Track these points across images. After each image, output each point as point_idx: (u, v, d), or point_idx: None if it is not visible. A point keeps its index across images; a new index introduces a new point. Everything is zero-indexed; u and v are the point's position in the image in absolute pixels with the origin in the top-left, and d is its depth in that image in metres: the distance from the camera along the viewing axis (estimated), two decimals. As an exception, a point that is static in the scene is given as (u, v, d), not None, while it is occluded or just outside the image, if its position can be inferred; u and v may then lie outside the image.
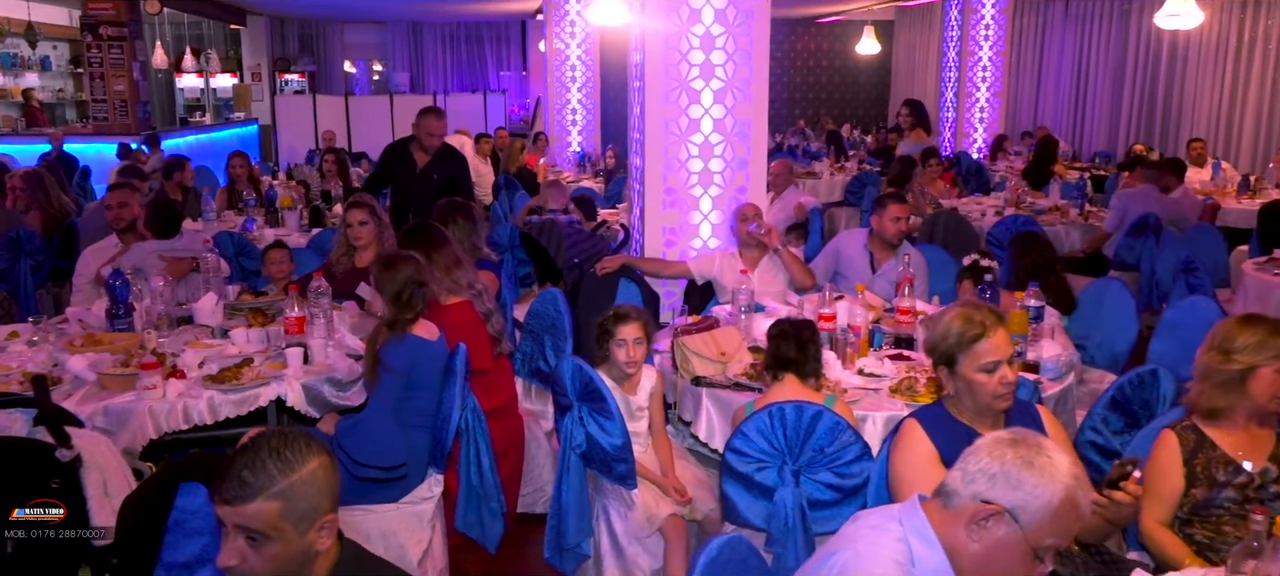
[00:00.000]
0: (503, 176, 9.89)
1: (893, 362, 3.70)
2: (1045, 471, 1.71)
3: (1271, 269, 5.67)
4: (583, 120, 12.16)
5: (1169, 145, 12.18)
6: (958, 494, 1.75)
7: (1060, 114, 14.57)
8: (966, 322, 2.54)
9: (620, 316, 3.43)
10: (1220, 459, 2.63)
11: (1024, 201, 8.05)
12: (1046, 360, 3.59)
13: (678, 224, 5.26)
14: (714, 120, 5.11)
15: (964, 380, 2.55)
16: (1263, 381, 2.57)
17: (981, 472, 1.73)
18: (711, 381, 3.55)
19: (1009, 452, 1.73)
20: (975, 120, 12.83)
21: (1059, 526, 1.71)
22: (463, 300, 3.95)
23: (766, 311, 4.31)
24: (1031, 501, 1.70)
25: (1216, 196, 8.71)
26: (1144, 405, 3.20)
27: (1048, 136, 11.21)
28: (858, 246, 5.06)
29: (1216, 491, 2.61)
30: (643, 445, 3.52)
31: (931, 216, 7.43)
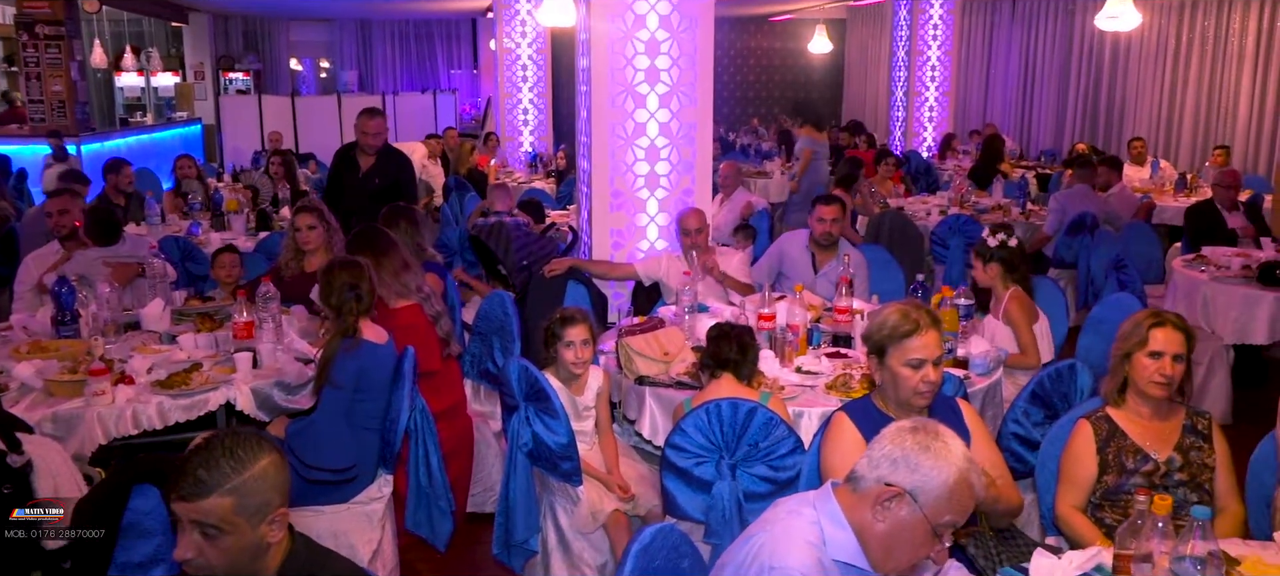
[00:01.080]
0: (453, 177, 9.98)
1: (830, 360, 3.89)
2: (940, 455, 1.91)
3: (1198, 266, 5.97)
4: (534, 120, 12.28)
5: (1113, 143, 12.59)
6: (864, 478, 1.94)
7: (1008, 113, 14.98)
8: (903, 318, 2.74)
9: (567, 319, 3.59)
10: (1130, 448, 2.85)
11: (968, 201, 8.33)
12: (975, 356, 3.81)
13: (625, 226, 5.42)
14: (660, 124, 5.28)
15: (890, 372, 2.75)
16: (1137, 366, 2.81)
17: (885, 458, 1.92)
18: (654, 380, 3.72)
19: (908, 439, 1.92)
20: (925, 119, 13.16)
21: (955, 505, 1.91)
22: (411, 304, 4.07)
23: (710, 311, 4.49)
24: (929, 482, 1.90)
25: (1153, 194, 9.08)
26: (1063, 397, 3.42)
27: (994, 135, 11.55)
28: (800, 247, 5.27)
29: (1125, 478, 2.83)
30: (589, 443, 3.68)
31: (877, 216, 7.67)
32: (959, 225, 7.03)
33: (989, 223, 7.53)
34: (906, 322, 2.73)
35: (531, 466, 3.52)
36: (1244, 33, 10.82)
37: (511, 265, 5.83)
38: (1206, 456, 2.83)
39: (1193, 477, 2.81)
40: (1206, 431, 2.86)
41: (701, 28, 5.24)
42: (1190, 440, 2.85)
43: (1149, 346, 2.82)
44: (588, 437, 3.68)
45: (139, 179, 8.89)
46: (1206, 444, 2.85)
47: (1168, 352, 2.81)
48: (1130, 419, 2.89)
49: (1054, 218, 7.41)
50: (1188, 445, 2.84)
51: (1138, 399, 2.88)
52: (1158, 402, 2.86)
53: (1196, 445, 2.84)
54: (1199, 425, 2.87)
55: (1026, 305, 4.31)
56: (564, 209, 8.55)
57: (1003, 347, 4.10)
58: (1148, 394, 2.83)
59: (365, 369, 3.44)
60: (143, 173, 9.98)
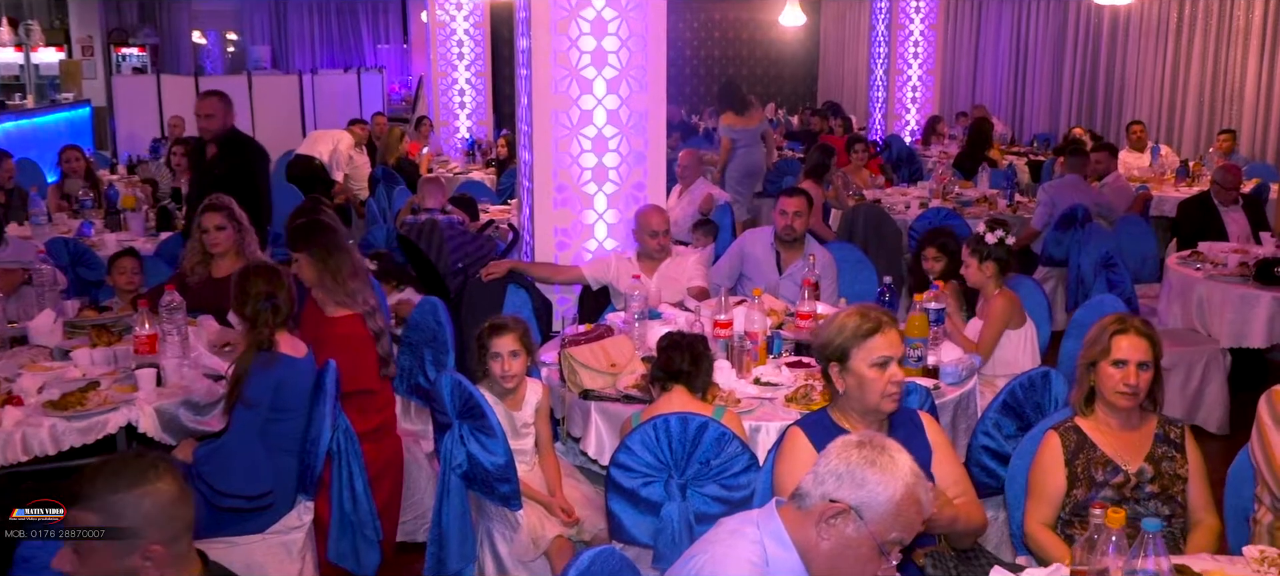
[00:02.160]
0: (380, 168, 10.06)
1: (791, 370, 4.07)
2: (887, 470, 2.09)
3: (1193, 264, 6.25)
4: (472, 102, 12.38)
5: (1112, 128, 12.98)
6: (809, 495, 2.12)
7: (999, 93, 15.35)
8: (861, 317, 2.93)
9: (495, 328, 3.73)
10: (1100, 459, 3.06)
11: (950, 192, 8.60)
12: (946, 365, 4.01)
13: (570, 224, 5.57)
14: (608, 111, 5.44)
15: (855, 376, 2.93)
16: (1102, 375, 3.03)
17: (830, 473, 2.10)
18: (600, 394, 3.87)
19: (854, 453, 2.10)
20: (907, 100, 13.44)
21: (902, 521, 2.09)
22: (352, 314, 4.16)
23: (663, 318, 4.65)
24: (875, 498, 2.08)
25: (1151, 185, 9.41)
26: (1036, 408, 3.63)
27: (982, 118, 11.87)
28: (764, 245, 5.45)
29: (1095, 491, 3.03)
30: (528, 464, 3.82)
31: (852, 209, 7.89)
32: (939, 220, 7.24)
33: (973, 217, 7.82)
34: (866, 321, 2.92)
35: (466, 489, 3.66)
36: (1250, 8, 11.21)
37: (445, 267, 5.95)
38: (1179, 467, 3.04)
39: (1165, 490, 3.02)
40: (1179, 441, 3.07)
41: (653, 5, 5.41)
42: (1162, 450, 3.06)
43: (1112, 354, 3.03)
44: (527, 457, 3.82)
45: (20, 172, 8.87)
46: (1179, 454, 3.06)
47: (1132, 360, 3.01)
48: (1099, 429, 3.10)
49: (1043, 211, 7.67)
50: (1160, 455, 3.05)
51: (1106, 408, 3.09)
52: (1127, 412, 3.07)
53: (1169, 455, 3.05)
54: (1171, 434, 3.08)
55: (1013, 309, 4.53)
56: (505, 203, 8.68)
57: (977, 356, 4.31)
58: (1115, 404, 3.04)
59: (282, 385, 3.56)
60: (24, 164, 9.95)
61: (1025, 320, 4.57)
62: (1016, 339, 4.52)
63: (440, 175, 9.70)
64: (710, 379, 3.61)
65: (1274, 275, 5.80)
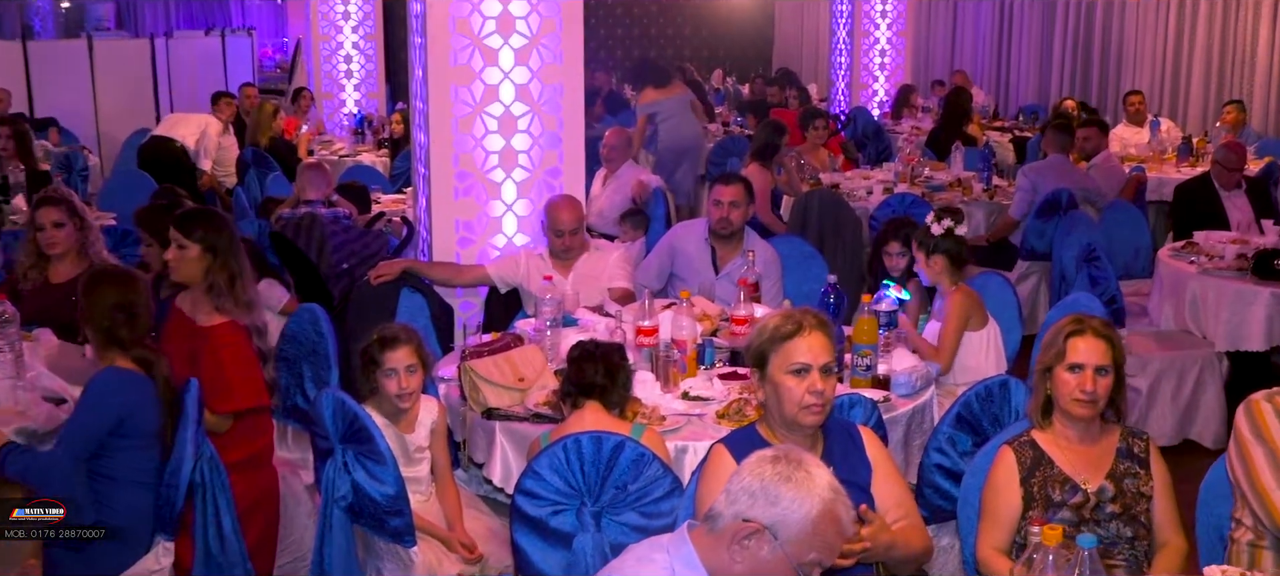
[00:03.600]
0: (250, 150, 10.12)
1: (724, 383, 4.29)
2: (802, 486, 2.31)
3: (1186, 256, 6.59)
4: (361, 71, 12.47)
5: (1109, 99, 13.44)
6: (721, 516, 2.33)
7: (981, 59, 15.78)
8: (784, 319, 3.17)
9: (387, 340, 3.90)
10: (1057, 477, 3.32)
11: (919, 175, 8.90)
12: (898, 374, 4.26)
13: (475, 217, 5.74)
14: (516, 86, 5.62)
15: (773, 383, 3.16)
16: (1058, 382, 3.30)
17: (743, 491, 2.31)
18: (506, 413, 4.06)
19: (768, 469, 2.32)
20: (875, 67, 13.77)
21: (820, 540, 2.31)
22: (229, 321, 4.25)
23: (579, 325, 4.85)
24: (790, 516, 2.29)
25: (1150, 164, 9.80)
26: (994, 421, 3.89)
27: (959, 88, 12.23)
28: (697, 241, 5.68)
29: (1052, 513, 3.29)
30: (423, 494, 4.00)
31: (805, 196, 8.14)
32: (904, 208, 7.51)
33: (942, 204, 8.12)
34: (788, 323, 3.15)
35: (351, 524, 3.82)
36: (1262, -35, 11.68)
37: (328, 269, 6.09)
38: (1142, 484, 3.31)
39: (1127, 509, 3.28)
40: (1143, 455, 3.35)
41: (569, -39, 5.60)
42: (1125, 466, 3.32)
43: (1068, 358, 3.29)
44: (422, 486, 4.00)
45: None
46: (1143, 470, 3.33)
47: (1089, 365, 3.28)
48: (1057, 443, 3.36)
49: (1022, 197, 7.99)
50: (1122, 472, 3.32)
51: (1064, 420, 3.35)
52: (1086, 423, 3.33)
53: (1132, 471, 3.32)
54: (1135, 448, 3.36)
55: (971, 305, 4.80)
56: (399, 192, 8.81)
57: (935, 364, 4.57)
58: (1072, 414, 3.30)
59: (134, 410, 3.68)
60: None
61: (986, 320, 4.84)
62: (977, 343, 4.79)
63: (322, 159, 9.79)
64: (629, 393, 3.81)
65: (1274, 268, 6.11)
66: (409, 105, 7.10)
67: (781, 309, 3.25)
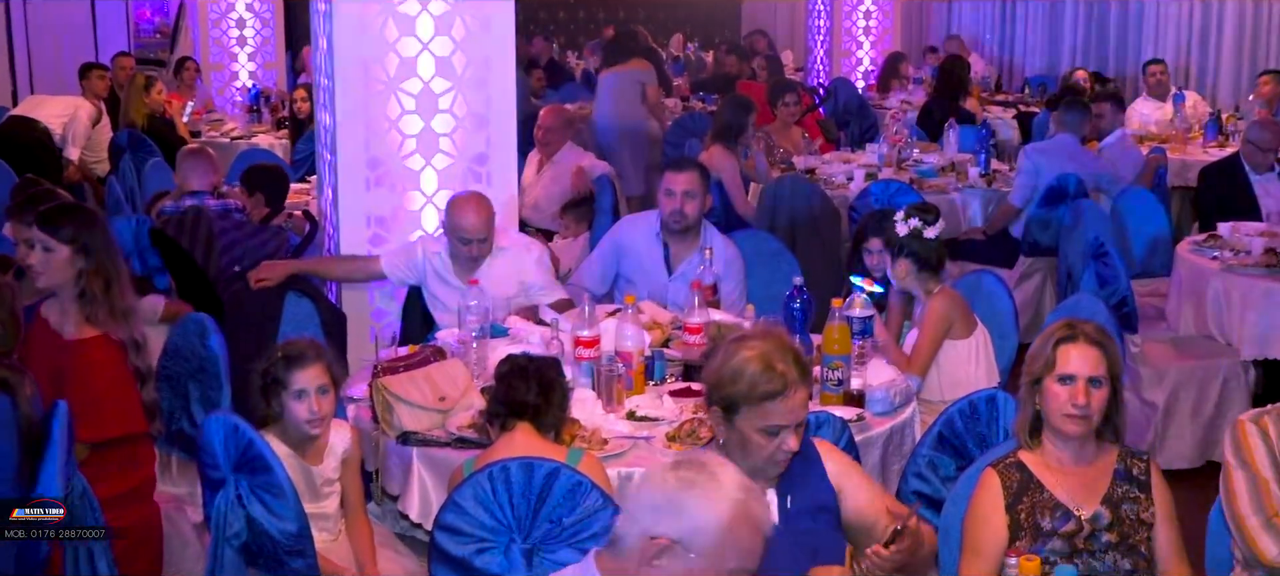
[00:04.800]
0: (124, 132, 10.13)
1: (676, 400, 4.41)
2: (708, 491, 2.46)
3: (1209, 250, 6.78)
4: (257, 38, 12.50)
5: (1127, 70, 13.68)
6: (625, 536, 2.49)
7: (982, 24, 16.00)
8: (766, 373, 3.26)
9: (294, 358, 3.97)
10: (1047, 503, 3.46)
11: (907, 158, 9.05)
12: (874, 389, 4.40)
13: (390, 210, 5.84)
14: (437, 59, 5.72)
15: (739, 435, 3.30)
16: (1048, 395, 3.44)
17: (645, 507, 2.47)
18: (425, 437, 4.15)
19: (670, 479, 2.48)
20: (858, 33, 13.95)
21: (738, 548, 2.46)
22: (101, 335, 4.31)
23: (511, 336, 4.95)
24: (699, 526, 2.44)
25: (1172, 145, 10.00)
26: (979, 441, 4.04)
27: (954, 56, 12.43)
28: (647, 237, 5.80)
29: (1042, 543, 3.43)
30: (331, 532, 4.10)
31: (774, 183, 8.25)
32: (888, 197, 7.65)
33: (935, 191, 8.29)
34: (770, 380, 3.26)
35: (246, 567, 3.89)
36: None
37: (218, 272, 6.14)
38: (1142, 510, 3.46)
39: (1125, 537, 3.43)
40: (1144, 477, 3.49)
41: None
42: (1123, 489, 3.47)
43: (1058, 368, 3.44)
44: (330, 524, 4.09)
45: None
46: (1143, 495, 3.47)
47: (1081, 376, 3.42)
48: (1047, 465, 3.50)
49: (1024, 182, 8.16)
50: (1119, 496, 3.46)
51: (1055, 438, 3.50)
52: (1079, 442, 3.48)
53: (1130, 496, 3.47)
54: (1135, 470, 3.50)
55: (953, 310, 4.94)
56: (302, 181, 8.86)
57: (916, 377, 4.71)
58: (1062, 431, 3.45)
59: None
60: None
61: (974, 327, 4.98)
62: (964, 352, 4.93)
63: (210, 140, 9.82)
64: (565, 413, 3.92)
65: (1307, 264, 6.31)
66: (313, 80, 7.18)
67: (755, 342, 3.33)
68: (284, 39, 12.72)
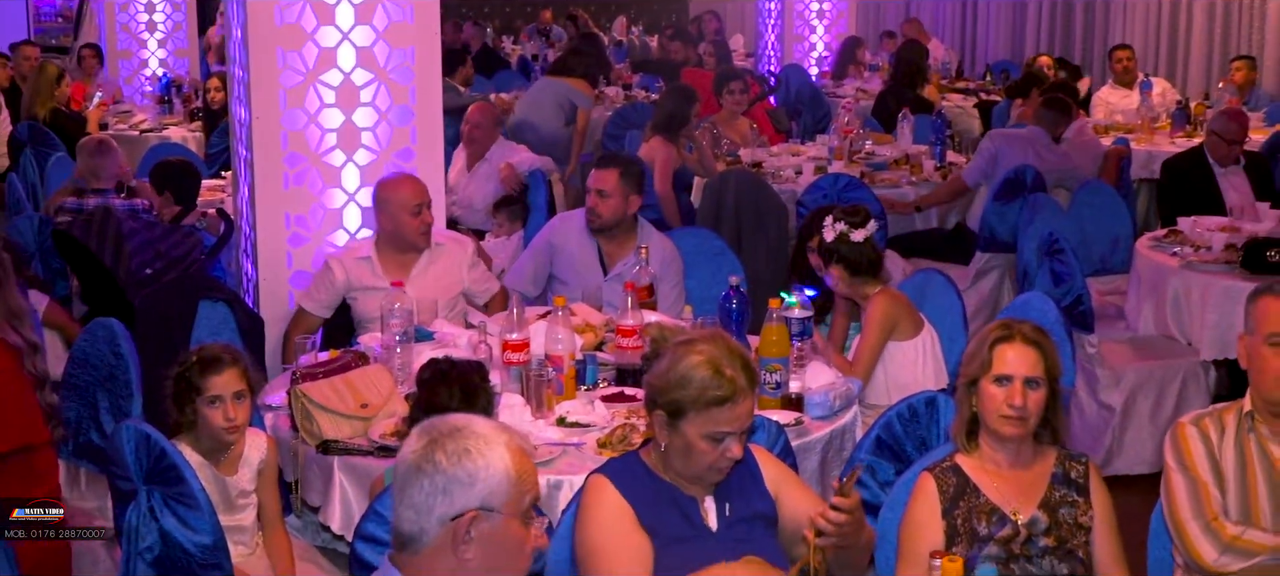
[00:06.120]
0: (25, 125, 10.16)
1: (608, 405, 4.57)
2: (481, 446, 2.66)
3: (1169, 246, 6.99)
4: (167, 23, 12.52)
5: (1094, 55, 13.96)
6: (424, 532, 2.65)
7: (943, 7, 16.24)
8: (716, 377, 3.43)
9: (208, 362, 4.10)
10: (984, 508, 3.64)
11: (858, 150, 9.25)
12: (813, 393, 4.57)
13: (309, 209, 5.95)
14: (357, 48, 5.84)
15: (683, 440, 3.47)
16: (984, 397, 3.64)
17: (433, 495, 2.63)
18: (346, 446, 4.28)
19: (439, 456, 2.64)
20: (811, 16, 14.12)
21: (526, 480, 2.70)
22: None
23: (436, 339, 5.09)
24: (493, 483, 2.64)
25: (1138, 135, 10.24)
26: (919, 445, 4.21)
27: (911, 41, 12.65)
28: (579, 235, 5.96)
29: (977, 548, 3.61)
30: (248, 545, 4.23)
31: (721, 177, 8.41)
32: (837, 192, 7.82)
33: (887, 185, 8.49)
34: (719, 386, 3.43)
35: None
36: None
37: (127, 275, 6.24)
38: (1080, 514, 3.65)
39: (1062, 542, 3.61)
40: (1082, 481, 3.68)
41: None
42: (1060, 493, 3.66)
43: (994, 369, 3.62)
44: (246, 536, 4.23)
45: None
46: (1082, 499, 3.66)
47: (1018, 376, 3.60)
48: (984, 469, 3.69)
49: (980, 163, 8.36)
50: (1057, 500, 3.65)
51: (992, 441, 3.69)
52: (1017, 445, 3.66)
53: (1068, 499, 3.66)
54: (1073, 473, 3.69)
55: (896, 310, 5.13)
56: (217, 175, 8.95)
57: (857, 380, 4.89)
58: (1000, 433, 3.63)
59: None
60: None
61: (919, 327, 5.17)
62: (909, 353, 5.13)
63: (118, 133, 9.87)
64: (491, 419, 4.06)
65: (1267, 261, 6.44)
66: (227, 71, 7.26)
67: (702, 346, 3.48)
68: (197, 25, 12.76)
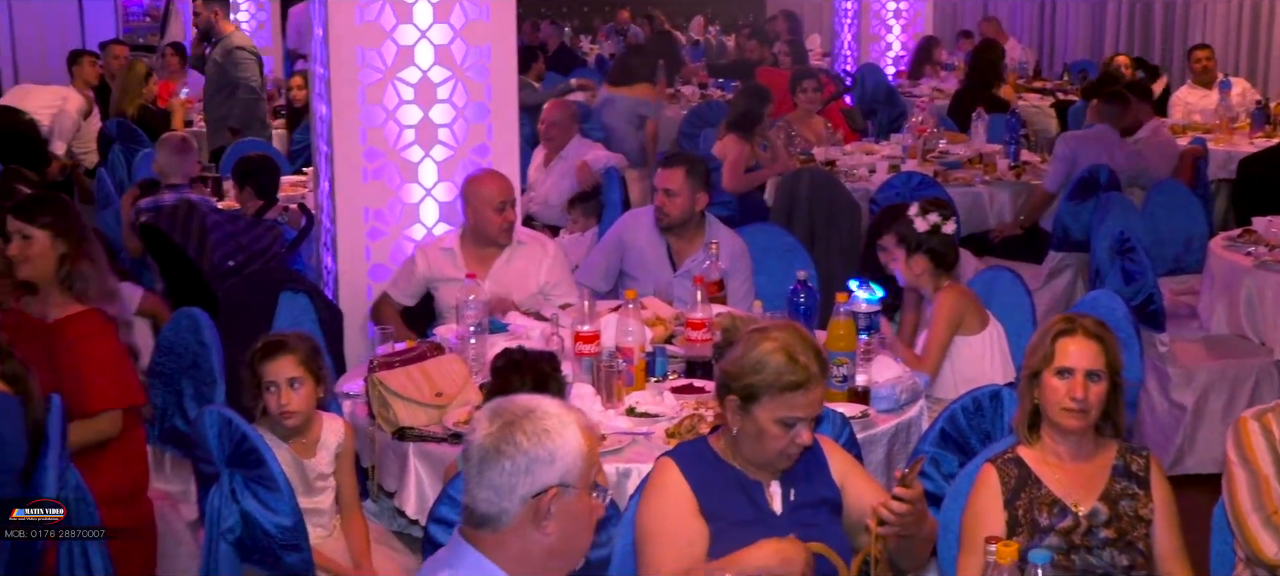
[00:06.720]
0: (114, 121, 10.39)
1: (677, 397, 4.66)
2: (556, 427, 2.79)
3: (1243, 246, 6.98)
4: (251, 22, 12.72)
5: (1174, 55, 13.86)
6: (505, 511, 2.78)
7: (1021, 6, 16.16)
8: (790, 365, 3.51)
9: (269, 349, 4.23)
10: (1045, 499, 3.70)
11: (932, 149, 9.27)
12: (879, 386, 4.64)
13: (387, 204, 6.09)
14: (435, 47, 5.97)
15: (755, 425, 3.55)
16: (1046, 389, 3.69)
17: (514, 475, 2.76)
18: (422, 433, 4.39)
19: (519, 437, 2.77)
20: (888, 16, 14.12)
21: (593, 455, 2.86)
22: (90, 309, 4.57)
23: (510, 331, 5.21)
24: (569, 460, 2.79)
25: (1216, 135, 10.17)
26: (984, 438, 4.27)
27: (988, 41, 12.61)
28: (649, 232, 6.06)
29: (1038, 538, 3.67)
30: (326, 527, 4.36)
31: (794, 175, 8.47)
32: (910, 190, 7.86)
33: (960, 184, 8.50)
34: (795, 371, 3.51)
35: (240, 563, 4.14)
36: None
37: (211, 267, 6.40)
38: (1141, 507, 3.70)
39: (1122, 534, 3.67)
40: (1143, 474, 3.73)
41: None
42: (1121, 486, 3.71)
43: (1056, 362, 3.68)
44: (324, 519, 4.35)
45: None
46: (1142, 491, 3.71)
47: (1079, 369, 3.66)
48: (1046, 461, 3.75)
49: (1059, 168, 8.36)
50: (1118, 492, 3.70)
51: (1053, 433, 3.74)
52: (1078, 437, 3.72)
53: (1129, 492, 3.71)
54: (1134, 466, 3.74)
55: (963, 305, 5.18)
56: (299, 172, 9.12)
57: (924, 374, 4.95)
58: (1061, 425, 3.69)
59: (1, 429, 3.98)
60: None
61: (986, 322, 5.22)
62: (976, 348, 5.18)
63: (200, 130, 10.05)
64: (562, 408, 4.17)
65: (1342, 260, 6.51)
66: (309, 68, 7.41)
67: (775, 335, 3.56)
68: (280, 25, 12.96)
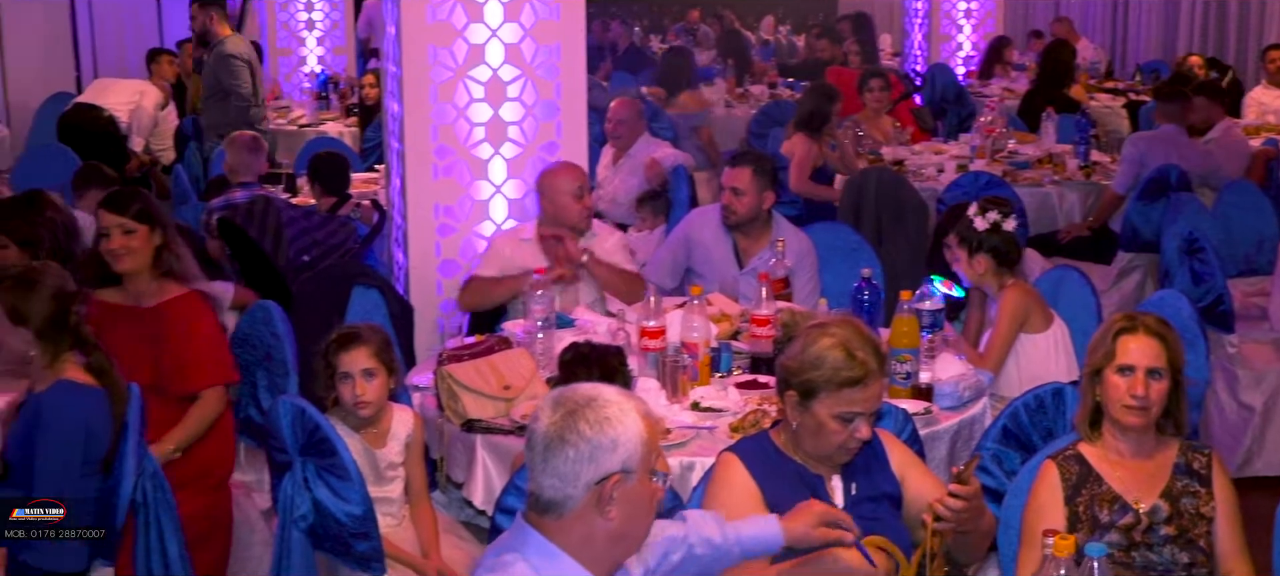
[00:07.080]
0: (190, 119, 10.57)
1: (742, 392, 4.72)
2: (616, 412, 2.87)
3: (1315, 247, 6.96)
4: (325, 21, 12.84)
5: (1247, 55, 13.74)
6: (569, 497, 2.85)
7: (1094, 6, 16.07)
8: (848, 361, 3.57)
9: (343, 340, 4.33)
10: (1106, 496, 3.73)
11: (1001, 149, 9.27)
12: (943, 383, 4.67)
13: (457, 200, 6.18)
14: (505, 45, 6.05)
15: (814, 420, 3.61)
16: (1107, 387, 3.71)
17: (578, 462, 2.84)
18: (489, 425, 4.48)
19: (582, 426, 2.84)
20: (958, 16, 14.10)
21: (654, 442, 2.94)
22: (191, 291, 4.74)
23: (577, 326, 5.29)
24: (631, 447, 2.86)
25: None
26: (1046, 435, 4.29)
27: (1060, 40, 12.57)
28: (715, 230, 6.11)
29: (1099, 535, 3.70)
30: (395, 516, 4.44)
31: (861, 174, 8.50)
32: (978, 190, 7.85)
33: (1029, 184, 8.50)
34: (853, 367, 3.57)
35: (313, 550, 4.25)
36: None
37: (286, 262, 6.52)
38: (1202, 505, 3.71)
39: (1183, 532, 3.69)
40: (1205, 472, 3.75)
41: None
42: (1182, 483, 3.73)
43: (1117, 359, 3.70)
44: (394, 508, 4.44)
45: None
46: (1204, 489, 3.73)
47: (1141, 366, 3.68)
48: (1107, 458, 3.77)
49: (1128, 170, 8.33)
50: (1179, 490, 3.72)
51: (1115, 430, 3.77)
52: (1139, 435, 3.74)
53: (1190, 490, 3.72)
54: (1196, 464, 3.76)
55: (1028, 303, 5.20)
56: (371, 169, 9.25)
57: (988, 372, 4.98)
58: (1122, 422, 3.71)
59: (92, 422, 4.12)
60: None
61: (1050, 321, 5.24)
62: (1042, 346, 5.19)
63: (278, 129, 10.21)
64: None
65: None
66: (382, 66, 7.52)
67: (834, 330, 3.62)
68: (354, 23, 13.09)
